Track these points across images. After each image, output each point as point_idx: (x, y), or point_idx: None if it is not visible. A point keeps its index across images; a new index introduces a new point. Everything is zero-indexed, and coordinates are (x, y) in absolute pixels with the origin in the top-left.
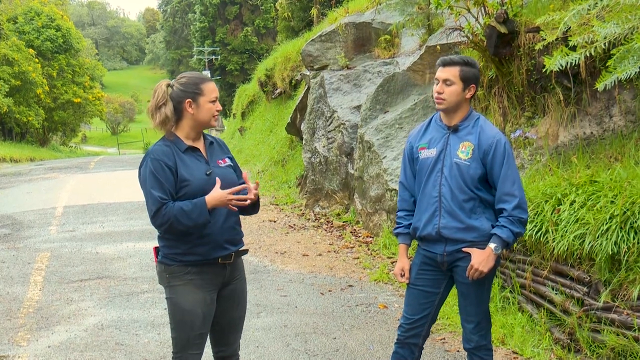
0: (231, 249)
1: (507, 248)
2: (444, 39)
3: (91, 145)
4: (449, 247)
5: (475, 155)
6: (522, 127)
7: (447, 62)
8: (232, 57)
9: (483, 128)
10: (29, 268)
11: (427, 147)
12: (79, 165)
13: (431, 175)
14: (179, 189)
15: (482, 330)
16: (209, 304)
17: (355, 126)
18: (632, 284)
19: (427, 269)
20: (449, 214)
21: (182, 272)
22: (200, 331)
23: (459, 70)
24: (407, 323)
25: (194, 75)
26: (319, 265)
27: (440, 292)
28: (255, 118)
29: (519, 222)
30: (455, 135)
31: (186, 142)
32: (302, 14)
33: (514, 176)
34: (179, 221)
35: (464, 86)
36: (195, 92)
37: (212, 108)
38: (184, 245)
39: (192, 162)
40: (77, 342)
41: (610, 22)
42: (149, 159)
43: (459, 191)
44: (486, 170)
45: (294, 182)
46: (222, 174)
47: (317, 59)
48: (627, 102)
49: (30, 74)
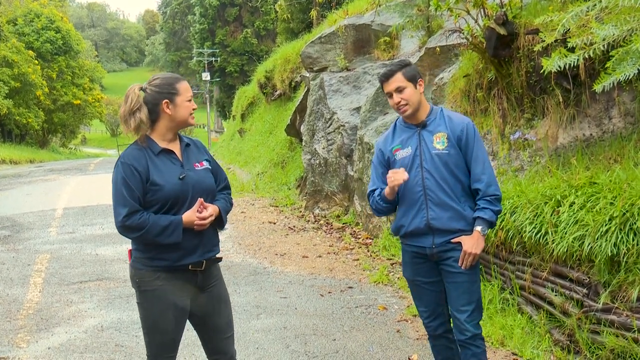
0: (203, 256)
1: (491, 227)
2: (444, 41)
3: (91, 147)
4: (438, 239)
5: (451, 142)
6: (521, 128)
7: (387, 74)
8: (231, 58)
9: (450, 117)
10: (28, 270)
11: (402, 148)
12: (79, 167)
13: (411, 172)
14: (150, 193)
15: (475, 319)
16: (181, 309)
17: (355, 128)
18: (632, 286)
19: (420, 261)
20: (437, 205)
21: (152, 277)
22: (172, 336)
23: (401, 74)
24: (427, 316)
25: (167, 76)
26: (318, 266)
27: (441, 278)
28: (255, 120)
29: (495, 200)
30: (426, 130)
31: (161, 144)
32: (302, 16)
33: (483, 157)
34: (150, 233)
35: (414, 84)
36: (172, 92)
37: (189, 106)
38: (154, 250)
39: (166, 166)
40: (76, 343)
41: (609, 24)
42: (120, 163)
43: (444, 181)
44: (462, 154)
45: (294, 183)
46: (198, 178)
47: (316, 61)
48: (626, 103)
49: (30, 76)
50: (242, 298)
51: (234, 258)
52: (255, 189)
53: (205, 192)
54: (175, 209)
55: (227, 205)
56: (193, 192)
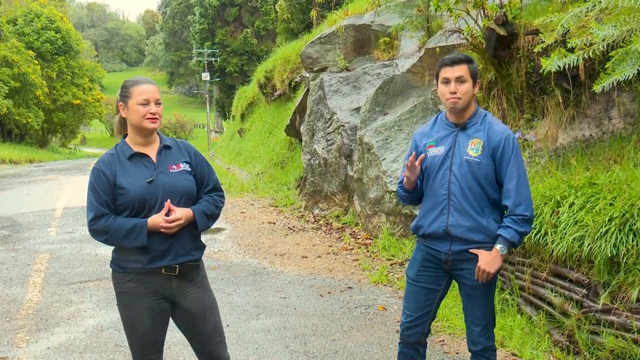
0: (175, 260)
1: (513, 248)
2: (444, 41)
3: (90, 147)
4: (455, 246)
5: (485, 152)
6: (521, 129)
7: (456, 60)
8: (231, 59)
9: (491, 125)
10: (28, 269)
11: (435, 145)
12: (78, 166)
13: (439, 173)
14: (119, 197)
15: (488, 332)
16: (157, 312)
17: (354, 128)
18: (631, 286)
19: (430, 266)
20: (459, 212)
21: (125, 279)
22: (152, 337)
23: (467, 67)
24: (408, 321)
25: (131, 79)
26: (318, 267)
27: (441, 289)
28: (255, 120)
29: (523, 220)
30: (464, 132)
31: (135, 147)
32: (302, 16)
33: (519, 172)
34: (116, 237)
35: (473, 82)
36: (125, 95)
37: (140, 110)
38: (125, 253)
39: (136, 169)
40: (76, 343)
41: (608, 25)
42: (92, 168)
43: (469, 189)
44: (495, 166)
45: (293, 184)
46: (169, 181)
47: (316, 61)
48: (626, 104)
49: (29, 76)
50: (241, 298)
51: (234, 258)
52: (254, 189)
53: (178, 194)
54: (145, 213)
55: (210, 207)
56: (163, 195)
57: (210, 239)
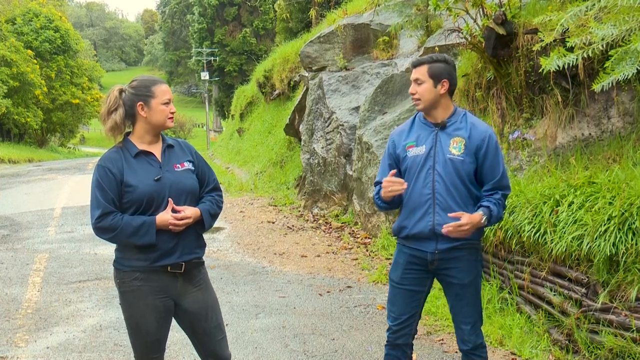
0: (182, 258)
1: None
2: (443, 41)
3: (89, 146)
4: (441, 245)
5: (468, 149)
6: (520, 128)
7: (416, 63)
8: (230, 58)
9: (474, 123)
10: (27, 269)
11: (416, 145)
12: (77, 166)
13: (421, 172)
14: (126, 195)
15: (478, 330)
16: (162, 311)
17: (353, 127)
18: (630, 285)
19: (414, 268)
20: (445, 211)
21: (130, 277)
22: (156, 337)
23: (427, 68)
24: (395, 324)
25: (146, 78)
26: (317, 266)
27: (426, 290)
28: (254, 119)
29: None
30: (444, 131)
31: (140, 146)
32: (301, 15)
33: (499, 167)
34: (123, 234)
35: (435, 83)
36: (147, 94)
37: (165, 110)
38: (131, 251)
39: (142, 167)
40: (75, 343)
41: (607, 24)
42: (97, 166)
43: (454, 187)
44: (477, 164)
45: (293, 183)
46: (175, 179)
47: (315, 60)
48: (625, 103)
49: (28, 75)
50: (240, 297)
51: (233, 257)
52: (254, 189)
53: (183, 193)
54: (152, 211)
55: (213, 206)
56: (170, 193)
57: (210, 238)
